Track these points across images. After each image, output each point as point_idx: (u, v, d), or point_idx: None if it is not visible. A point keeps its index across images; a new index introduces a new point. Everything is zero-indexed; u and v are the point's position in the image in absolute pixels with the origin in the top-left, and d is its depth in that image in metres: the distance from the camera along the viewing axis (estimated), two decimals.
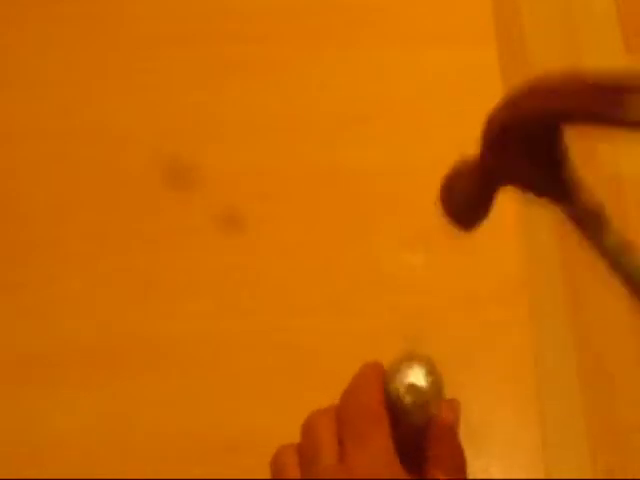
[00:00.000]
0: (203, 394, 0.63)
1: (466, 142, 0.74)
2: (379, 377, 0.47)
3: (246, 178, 0.72)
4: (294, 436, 0.46)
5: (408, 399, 0.46)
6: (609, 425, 1.48)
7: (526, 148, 0.37)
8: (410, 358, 0.47)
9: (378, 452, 0.44)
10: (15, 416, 0.63)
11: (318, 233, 0.69)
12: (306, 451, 0.46)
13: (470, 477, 0.59)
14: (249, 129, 0.74)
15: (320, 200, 0.70)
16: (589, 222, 0.39)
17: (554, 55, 1.91)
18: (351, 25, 0.79)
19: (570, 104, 0.33)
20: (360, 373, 0.48)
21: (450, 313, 0.61)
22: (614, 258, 0.39)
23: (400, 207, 0.70)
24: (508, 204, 0.42)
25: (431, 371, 0.47)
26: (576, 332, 1.60)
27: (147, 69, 0.78)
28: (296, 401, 0.48)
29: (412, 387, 0.46)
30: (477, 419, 0.60)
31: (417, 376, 0.47)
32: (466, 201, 0.42)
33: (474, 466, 0.59)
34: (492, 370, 0.63)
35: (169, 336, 0.65)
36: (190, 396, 0.63)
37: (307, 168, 0.72)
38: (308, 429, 0.47)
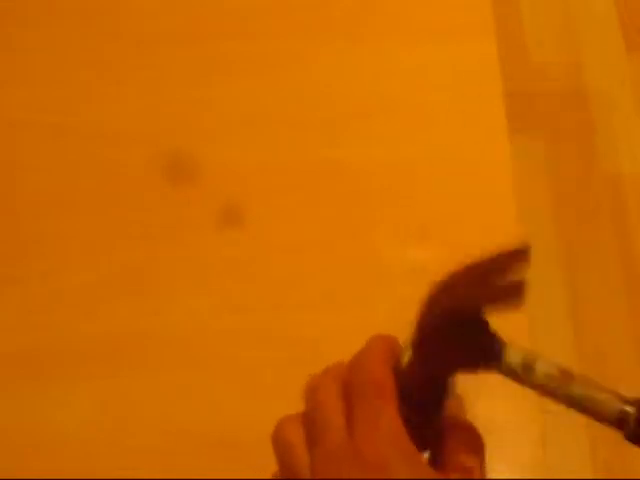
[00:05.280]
0: (202, 389, 0.63)
1: (466, 138, 0.75)
2: (389, 348, 0.46)
3: (246, 173, 0.72)
4: None
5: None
6: None
7: (454, 333, 0.43)
8: None
9: (388, 432, 0.43)
10: (14, 410, 0.63)
11: (318, 227, 0.69)
12: (312, 425, 0.45)
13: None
14: (249, 124, 0.74)
15: (320, 195, 0.70)
16: (520, 370, 0.44)
17: (554, 53, 1.92)
18: (351, 21, 0.79)
19: (471, 300, 0.43)
20: (369, 342, 0.46)
21: None
22: (550, 391, 0.44)
23: (400, 202, 0.70)
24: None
25: None
26: (576, 329, 1.60)
27: (147, 65, 0.78)
28: (297, 396, 0.48)
29: None
30: (477, 417, 0.60)
31: None
32: (422, 396, 0.46)
33: None
34: None
35: (168, 331, 0.65)
36: (189, 391, 0.63)
37: (307, 163, 0.72)
38: (312, 398, 0.45)
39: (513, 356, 0.44)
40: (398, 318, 0.46)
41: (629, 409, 0.43)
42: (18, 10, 0.81)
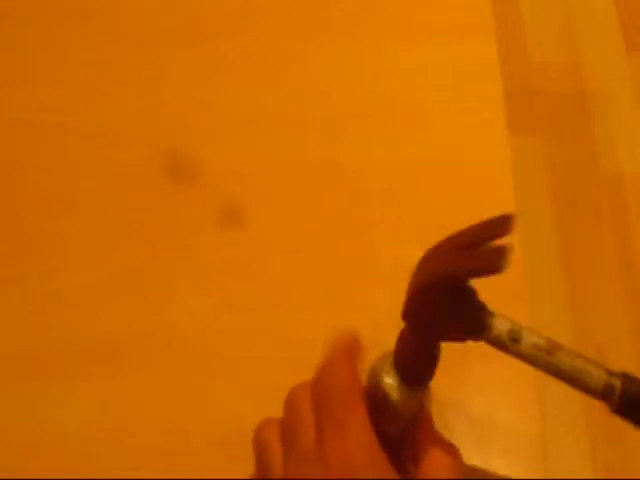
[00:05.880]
0: (202, 389, 0.63)
1: (466, 138, 0.75)
2: (352, 351, 0.47)
3: (246, 173, 0.72)
4: None
5: (396, 394, 0.46)
6: (609, 423, 1.48)
7: (441, 302, 0.44)
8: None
9: (355, 437, 0.44)
10: (14, 410, 0.63)
11: (318, 227, 0.69)
12: (287, 429, 0.46)
13: (470, 475, 0.59)
14: (249, 124, 0.74)
15: (320, 195, 0.71)
16: (507, 339, 0.44)
17: (554, 53, 1.92)
18: (351, 21, 0.79)
19: (454, 270, 0.43)
20: (333, 347, 0.47)
21: None
22: (537, 361, 0.44)
23: (400, 203, 0.70)
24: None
25: None
26: (576, 329, 1.61)
27: (147, 65, 0.78)
28: None
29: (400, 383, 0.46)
30: (477, 416, 0.60)
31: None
32: (413, 362, 0.47)
33: (474, 463, 0.59)
34: (492, 366, 0.63)
35: (168, 331, 0.65)
36: (189, 391, 0.63)
37: (307, 163, 0.72)
38: (289, 405, 0.47)
39: (500, 326, 0.44)
40: (398, 318, 0.46)
41: (615, 382, 0.43)
42: (18, 10, 0.81)
